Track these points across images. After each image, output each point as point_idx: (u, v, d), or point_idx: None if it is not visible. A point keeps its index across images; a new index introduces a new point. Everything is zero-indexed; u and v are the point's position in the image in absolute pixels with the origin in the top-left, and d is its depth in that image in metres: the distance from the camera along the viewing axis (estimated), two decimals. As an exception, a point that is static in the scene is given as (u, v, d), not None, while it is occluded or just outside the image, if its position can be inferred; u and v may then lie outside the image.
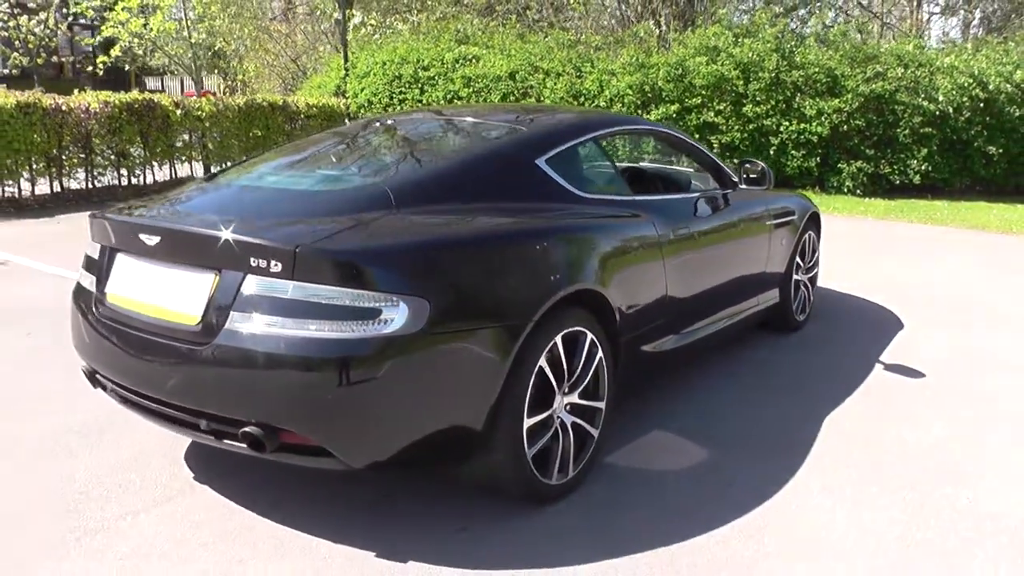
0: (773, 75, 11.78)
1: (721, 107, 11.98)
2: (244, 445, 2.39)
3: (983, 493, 3.05)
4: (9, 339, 4.63)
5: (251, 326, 2.34)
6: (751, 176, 4.26)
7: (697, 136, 11.94)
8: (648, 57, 12.67)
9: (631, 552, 2.58)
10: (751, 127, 11.90)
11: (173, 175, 11.52)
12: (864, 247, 8.37)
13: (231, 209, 2.67)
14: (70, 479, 3.01)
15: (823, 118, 11.64)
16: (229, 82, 18.76)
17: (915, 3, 20.55)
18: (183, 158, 11.67)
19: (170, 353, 2.48)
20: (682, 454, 3.32)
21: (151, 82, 31.12)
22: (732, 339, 4.49)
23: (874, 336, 5.08)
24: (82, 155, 10.27)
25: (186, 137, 11.61)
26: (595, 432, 2.98)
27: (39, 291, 5.72)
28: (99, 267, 2.86)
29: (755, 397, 3.98)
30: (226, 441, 2.47)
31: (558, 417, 2.80)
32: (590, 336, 2.87)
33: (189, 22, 13.75)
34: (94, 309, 2.81)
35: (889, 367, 4.48)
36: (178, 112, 11.10)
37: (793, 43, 12.43)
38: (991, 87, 11.59)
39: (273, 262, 2.30)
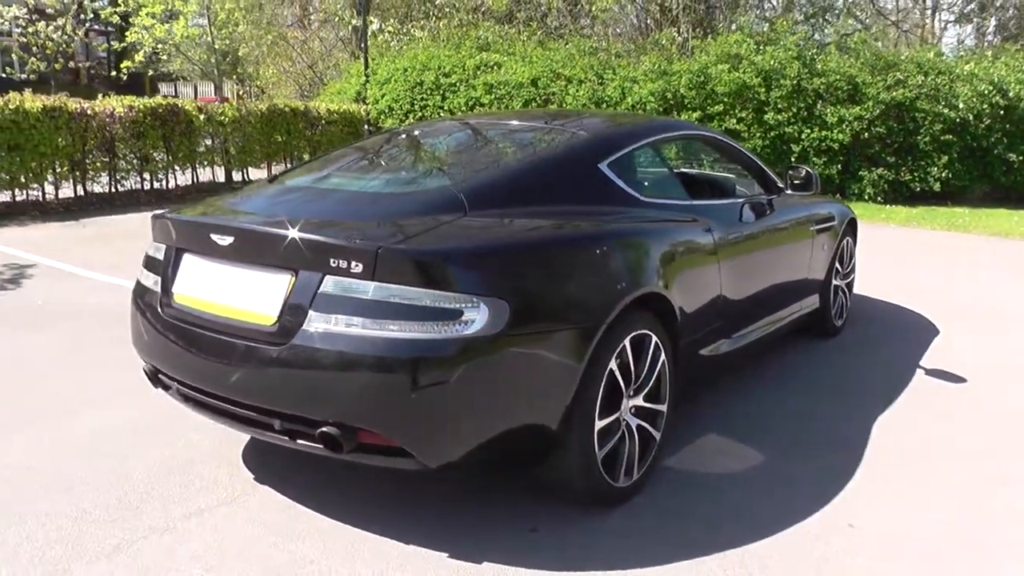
0: (794, 82, 11.79)
1: (743, 114, 11.99)
2: (320, 445, 2.40)
3: (1044, 498, 3.05)
4: (47, 340, 4.66)
5: (330, 326, 2.34)
6: (795, 181, 4.27)
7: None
8: (670, 64, 12.69)
9: (702, 554, 2.58)
10: (772, 134, 11.91)
11: (195, 180, 11.57)
12: (890, 253, 8.35)
13: (303, 210, 2.67)
14: (127, 478, 3.01)
15: (844, 125, 11.64)
16: (246, 88, 18.81)
17: (930, 11, 20.56)
18: (205, 163, 11.73)
19: (244, 353, 2.49)
20: (738, 457, 3.32)
21: (164, 88, 31.24)
22: (776, 344, 4.49)
23: (910, 341, 5.08)
24: (105, 159, 10.33)
25: (208, 142, 11.67)
26: (657, 435, 2.98)
27: (71, 293, 5.75)
28: (163, 267, 2.86)
29: (802, 401, 3.98)
30: (300, 441, 2.48)
31: (624, 420, 2.81)
32: (655, 339, 2.88)
33: (213, 28, 13.82)
34: (159, 309, 2.82)
35: (929, 372, 4.48)
36: (201, 117, 11.16)
37: (814, 51, 12.44)
38: (1011, 94, 11.60)
39: (354, 263, 2.31)
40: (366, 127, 14.29)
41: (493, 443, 2.44)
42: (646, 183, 3.33)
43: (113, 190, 10.50)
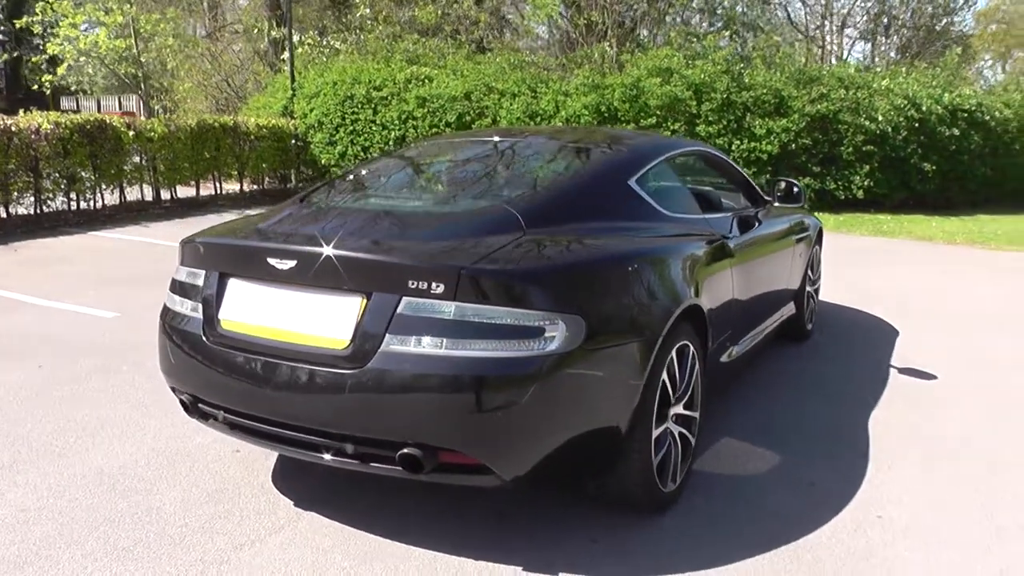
0: (724, 96, 12.23)
1: (675, 127, 12.36)
2: (399, 467, 2.40)
3: (1045, 481, 3.30)
4: (22, 372, 4.40)
5: (409, 348, 2.34)
6: (779, 194, 4.48)
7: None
8: (603, 78, 12.97)
9: (758, 552, 2.69)
10: (704, 146, 12.30)
11: (123, 199, 11.15)
12: (830, 260, 8.74)
13: (363, 232, 2.64)
14: (160, 512, 2.90)
15: (772, 137, 12.15)
16: (160, 101, 18.10)
17: (834, 28, 21.62)
18: (133, 181, 11.32)
19: (313, 378, 2.45)
20: (757, 459, 3.46)
21: (66, 102, 29.87)
22: (764, 351, 4.68)
23: (875, 342, 5.39)
24: (27, 179, 9.83)
25: (136, 159, 11.27)
26: (693, 440, 3.09)
27: (24, 323, 5.44)
28: (204, 293, 2.79)
29: (798, 404, 4.17)
30: (374, 464, 2.47)
31: (669, 428, 2.90)
32: (692, 348, 2.99)
33: (139, 41, 13.35)
34: (203, 336, 2.75)
35: (902, 371, 4.76)
36: (130, 134, 10.78)
37: (741, 65, 12.94)
38: (924, 108, 12.33)
39: (434, 284, 2.32)
40: (294, 142, 14.07)
41: (566, 455, 2.49)
42: (665, 198, 3.45)
43: (38, 211, 10.01)
